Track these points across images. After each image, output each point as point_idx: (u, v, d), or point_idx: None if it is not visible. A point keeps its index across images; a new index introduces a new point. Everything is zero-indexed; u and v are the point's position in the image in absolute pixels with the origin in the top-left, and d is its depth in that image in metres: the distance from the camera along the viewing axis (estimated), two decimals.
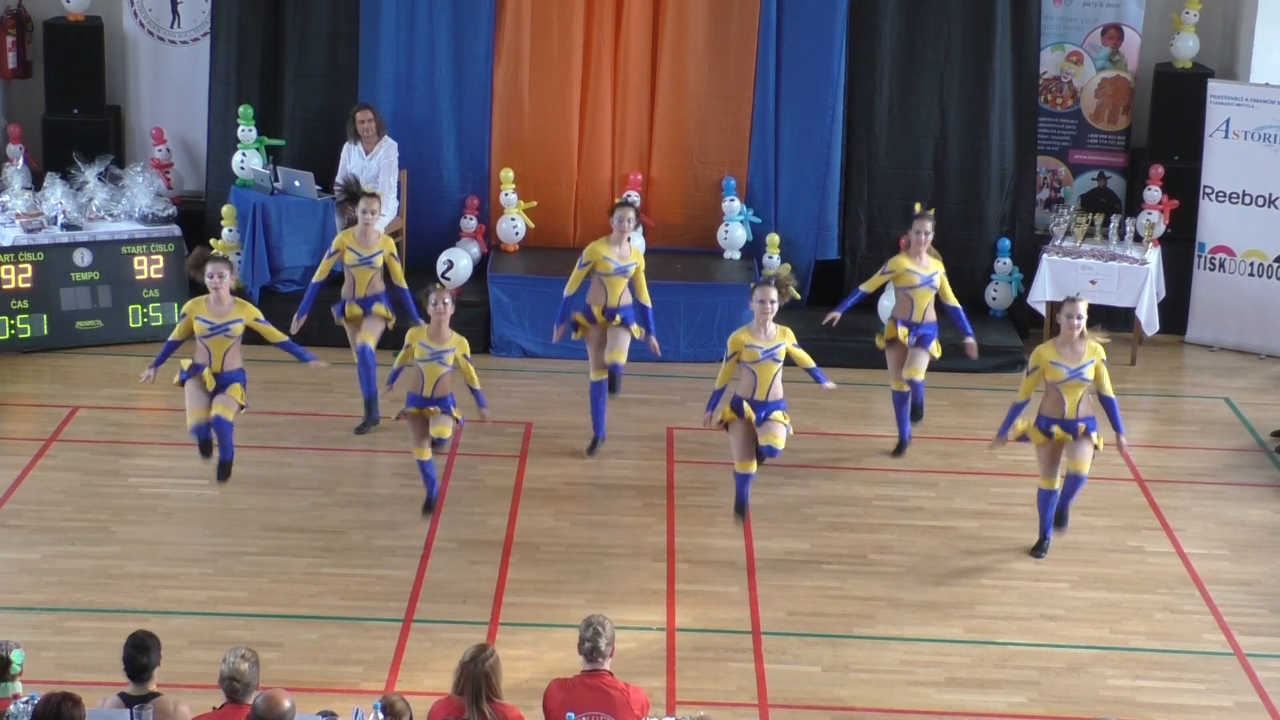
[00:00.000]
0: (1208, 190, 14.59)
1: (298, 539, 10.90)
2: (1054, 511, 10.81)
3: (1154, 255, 14.33)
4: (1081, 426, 10.62)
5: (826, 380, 11.21)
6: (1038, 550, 10.95)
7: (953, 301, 12.03)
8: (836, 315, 12.17)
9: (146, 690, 7.50)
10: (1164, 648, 9.99)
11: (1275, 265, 14.48)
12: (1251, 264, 14.55)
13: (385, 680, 9.29)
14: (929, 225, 11.93)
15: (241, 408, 11.02)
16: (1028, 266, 14.52)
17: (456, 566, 10.60)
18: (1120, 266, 14.18)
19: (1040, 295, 14.27)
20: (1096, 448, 10.67)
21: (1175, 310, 14.69)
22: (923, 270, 11.90)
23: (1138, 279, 14.12)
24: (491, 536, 10.97)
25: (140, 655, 7.48)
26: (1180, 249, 14.74)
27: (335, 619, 9.94)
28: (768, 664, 9.66)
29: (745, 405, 10.77)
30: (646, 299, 12.04)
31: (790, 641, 9.92)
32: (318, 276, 12.37)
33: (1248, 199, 14.49)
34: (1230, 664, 9.83)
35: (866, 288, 12.21)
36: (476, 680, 7.33)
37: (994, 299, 14.61)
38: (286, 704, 6.93)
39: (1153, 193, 14.48)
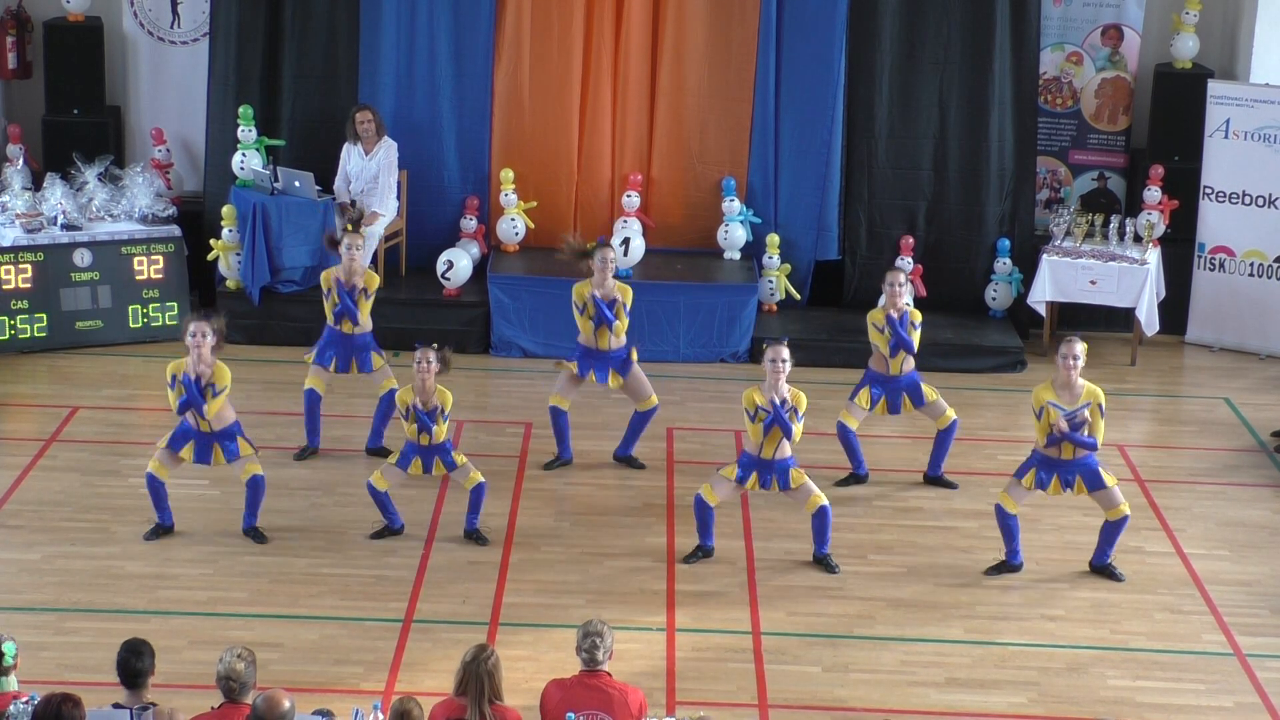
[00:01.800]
0: (1208, 190, 14.59)
1: (298, 539, 10.90)
2: (1102, 562, 10.79)
3: (1154, 255, 14.32)
4: (1079, 478, 10.50)
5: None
6: (998, 570, 10.79)
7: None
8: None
9: (142, 700, 7.46)
10: (1164, 648, 9.99)
11: (1275, 265, 14.48)
12: (1251, 264, 14.54)
13: (385, 680, 9.29)
14: (901, 278, 11.58)
15: (256, 451, 10.88)
16: (1028, 267, 14.52)
17: (456, 566, 10.59)
18: (1120, 267, 14.17)
19: (1040, 295, 14.27)
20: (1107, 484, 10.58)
21: (1175, 310, 14.69)
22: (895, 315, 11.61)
23: (1138, 279, 14.12)
24: (491, 537, 10.96)
25: (134, 660, 7.43)
26: (1180, 249, 14.74)
27: (335, 619, 9.94)
28: (768, 664, 9.66)
29: (740, 485, 10.61)
30: (622, 338, 11.82)
31: (790, 641, 9.92)
32: (329, 318, 11.91)
33: (1248, 199, 14.49)
34: (1230, 664, 9.83)
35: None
36: (480, 680, 7.34)
37: (994, 299, 14.61)
38: (286, 704, 6.94)
39: (1153, 193, 14.48)
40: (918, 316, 11.73)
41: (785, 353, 10.50)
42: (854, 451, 11.89)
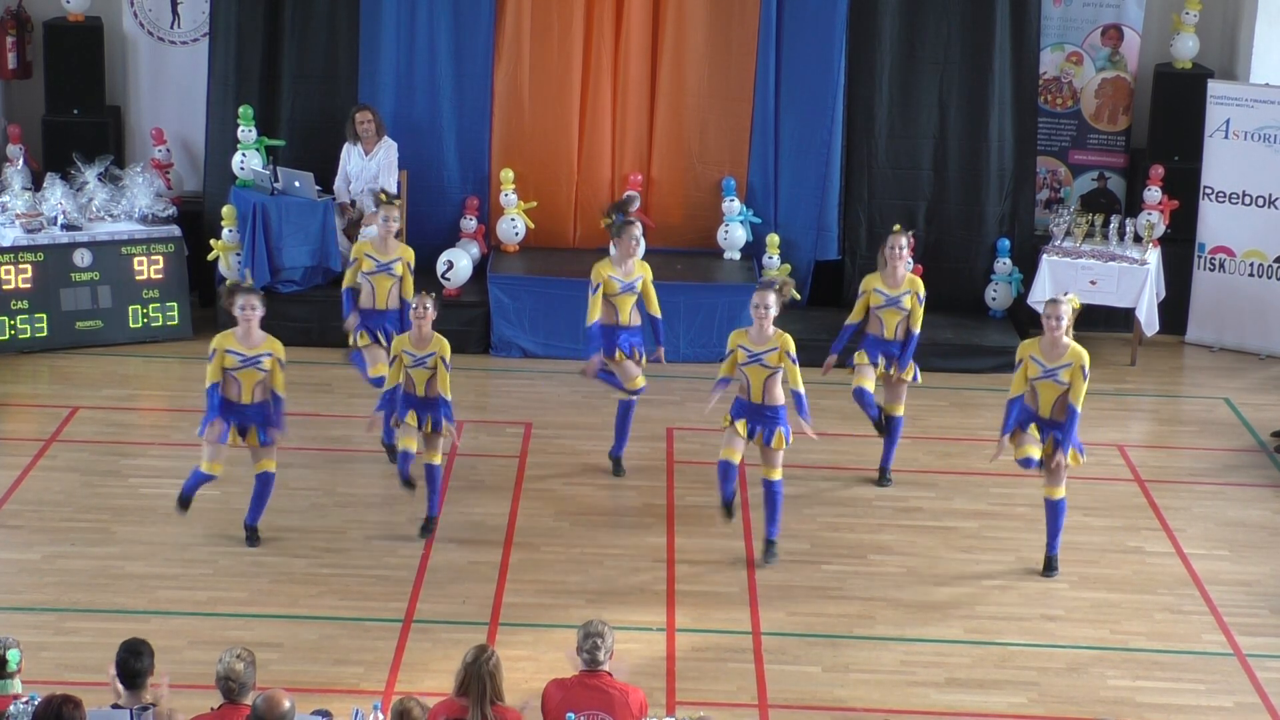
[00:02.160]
0: (1208, 190, 14.59)
1: (298, 539, 10.90)
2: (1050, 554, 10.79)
3: (1154, 255, 14.33)
4: (1051, 439, 10.49)
5: (809, 418, 10.61)
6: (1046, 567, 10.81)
7: (916, 330, 11.52)
8: (833, 358, 11.60)
9: (141, 700, 7.46)
10: (1164, 648, 9.99)
11: (1275, 265, 14.48)
12: (1251, 264, 14.55)
13: (385, 680, 9.29)
14: (901, 241, 11.43)
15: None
16: (1028, 267, 14.52)
17: (456, 566, 10.59)
18: (1120, 267, 14.18)
19: (1040, 295, 14.24)
20: (1065, 465, 10.52)
21: (1175, 310, 14.69)
22: (890, 290, 11.44)
23: (1137, 279, 14.12)
24: (491, 536, 10.96)
25: (133, 660, 7.42)
26: (1180, 249, 14.74)
27: (335, 619, 9.94)
28: (768, 664, 9.66)
29: (739, 424, 10.59)
30: (657, 310, 11.77)
31: (790, 642, 9.92)
32: (346, 283, 11.87)
33: (1248, 199, 14.49)
34: (1230, 664, 9.83)
35: (853, 320, 11.60)
36: (482, 680, 7.35)
37: (994, 299, 14.61)
38: (286, 704, 6.94)
39: (1153, 193, 14.48)
40: (919, 286, 11.54)
41: (771, 298, 10.47)
42: (868, 406, 11.64)
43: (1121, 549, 11.15)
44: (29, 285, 13.64)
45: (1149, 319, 14.26)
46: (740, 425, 10.58)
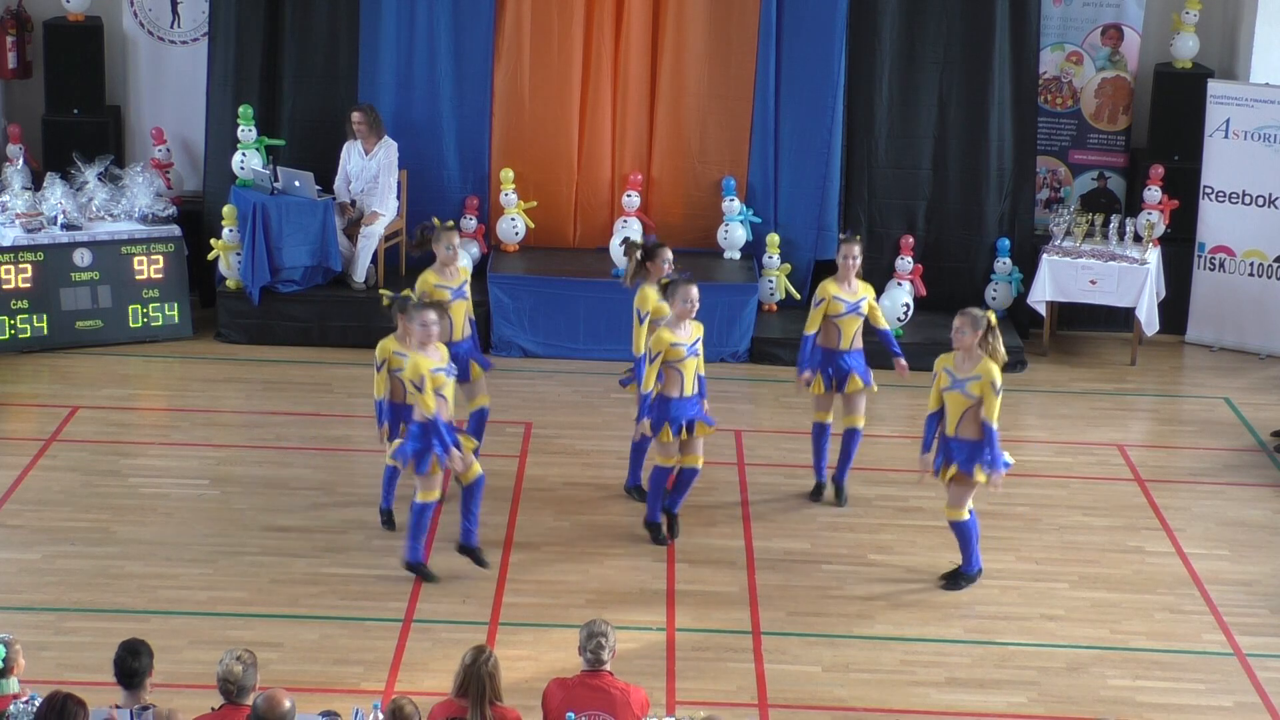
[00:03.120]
0: (1207, 190, 14.59)
1: (298, 539, 10.90)
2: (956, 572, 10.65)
3: (1154, 255, 14.33)
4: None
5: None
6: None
7: (883, 325, 11.43)
8: (808, 374, 11.27)
9: (140, 701, 7.45)
10: (1164, 648, 9.99)
11: (1275, 265, 14.48)
12: (1251, 264, 14.55)
13: (385, 680, 9.29)
14: (856, 250, 11.24)
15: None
16: (1027, 267, 14.52)
17: (456, 566, 10.59)
18: (1120, 266, 14.18)
19: (1040, 295, 14.27)
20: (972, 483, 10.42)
21: (1175, 310, 14.69)
22: (849, 297, 11.26)
23: (1137, 279, 14.12)
24: (491, 536, 10.95)
25: (131, 660, 7.42)
26: (1180, 249, 14.74)
27: (335, 619, 9.94)
28: (768, 664, 9.66)
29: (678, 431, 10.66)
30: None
31: (790, 641, 9.92)
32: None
33: (1247, 199, 14.49)
34: (1230, 664, 9.83)
35: (811, 330, 11.25)
36: (481, 681, 7.35)
37: (994, 299, 14.61)
38: (287, 704, 6.94)
39: (1153, 193, 14.48)
40: (871, 290, 11.40)
41: (694, 292, 10.54)
42: (821, 453, 11.50)
43: (1121, 549, 11.15)
44: (29, 285, 13.64)
45: (1149, 319, 14.26)
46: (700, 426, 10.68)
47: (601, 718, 7.57)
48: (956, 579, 10.59)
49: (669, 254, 11.22)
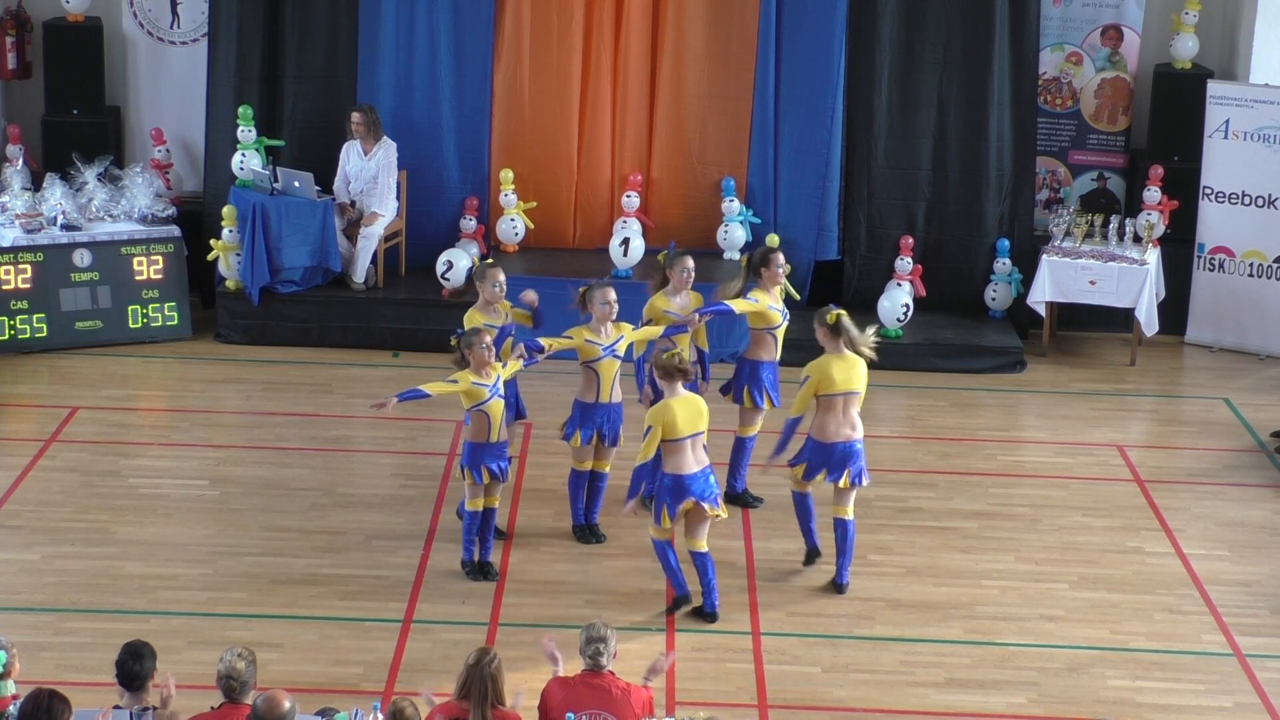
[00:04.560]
0: (1207, 191, 14.59)
1: (298, 539, 10.90)
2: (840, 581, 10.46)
3: (1153, 256, 14.33)
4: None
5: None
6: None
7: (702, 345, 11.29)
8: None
9: (142, 702, 7.45)
10: (1164, 648, 9.99)
11: (1275, 265, 14.48)
12: (1251, 264, 14.55)
13: (385, 680, 9.29)
14: (781, 258, 11.14)
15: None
16: (1027, 267, 14.52)
17: (456, 567, 10.58)
18: (1120, 267, 14.18)
19: (1040, 296, 14.27)
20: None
21: (1175, 311, 14.69)
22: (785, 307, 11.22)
23: (1137, 279, 14.12)
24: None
25: (132, 662, 7.41)
26: (1180, 249, 14.74)
27: (335, 619, 9.94)
28: (767, 664, 9.66)
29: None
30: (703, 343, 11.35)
31: (790, 642, 9.92)
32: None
33: (1247, 199, 14.49)
34: (1230, 664, 9.83)
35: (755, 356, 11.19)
36: (484, 682, 7.35)
37: (993, 299, 14.61)
38: (287, 704, 6.94)
39: (1152, 193, 14.48)
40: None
41: (613, 295, 10.61)
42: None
43: (1121, 549, 11.15)
44: (29, 285, 13.63)
45: (1149, 319, 14.26)
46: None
47: (602, 717, 7.57)
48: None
49: (690, 262, 11.15)
